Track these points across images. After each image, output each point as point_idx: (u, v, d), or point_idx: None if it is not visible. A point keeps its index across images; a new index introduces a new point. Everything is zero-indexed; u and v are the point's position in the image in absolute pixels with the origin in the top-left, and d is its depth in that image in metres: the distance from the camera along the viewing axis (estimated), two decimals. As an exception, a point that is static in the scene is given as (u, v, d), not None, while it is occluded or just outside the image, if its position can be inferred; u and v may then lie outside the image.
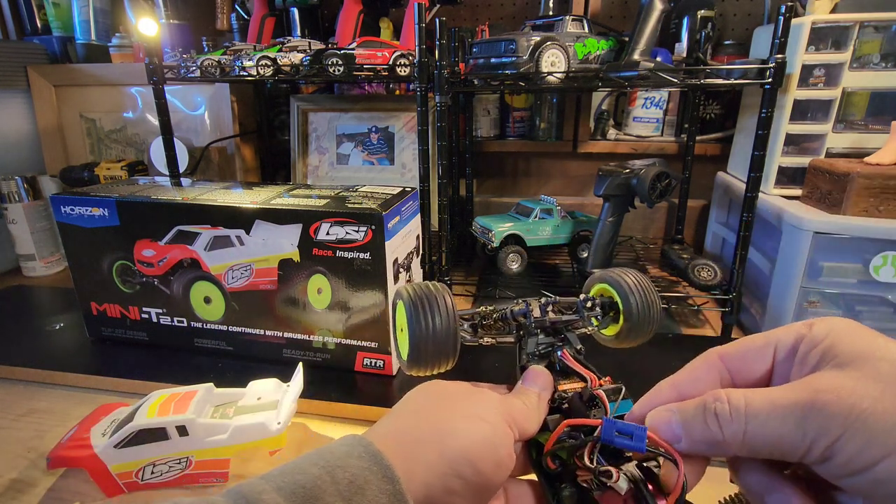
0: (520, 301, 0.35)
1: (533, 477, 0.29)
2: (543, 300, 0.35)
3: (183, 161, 0.99)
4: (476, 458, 0.24)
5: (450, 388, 0.29)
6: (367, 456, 0.23)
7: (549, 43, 0.69)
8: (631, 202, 0.81)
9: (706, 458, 0.23)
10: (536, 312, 0.34)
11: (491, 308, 0.35)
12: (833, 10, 0.73)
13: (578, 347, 0.34)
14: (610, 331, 0.38)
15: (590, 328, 0.36)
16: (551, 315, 0.35)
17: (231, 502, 0.21)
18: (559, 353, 0.33)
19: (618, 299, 0.36)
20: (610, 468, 0.23)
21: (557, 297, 0.36)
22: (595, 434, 0.24)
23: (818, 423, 0.19)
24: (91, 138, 1.14)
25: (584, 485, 0.25)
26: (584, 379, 0.31)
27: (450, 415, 0.26)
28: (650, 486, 0.23)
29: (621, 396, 0.29)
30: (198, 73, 0.81)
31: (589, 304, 0.36)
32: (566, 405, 0.30)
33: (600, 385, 0.30)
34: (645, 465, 0.24)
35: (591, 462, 0.24)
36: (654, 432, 0.23)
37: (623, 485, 0.23)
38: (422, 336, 0.31)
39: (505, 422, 0.26)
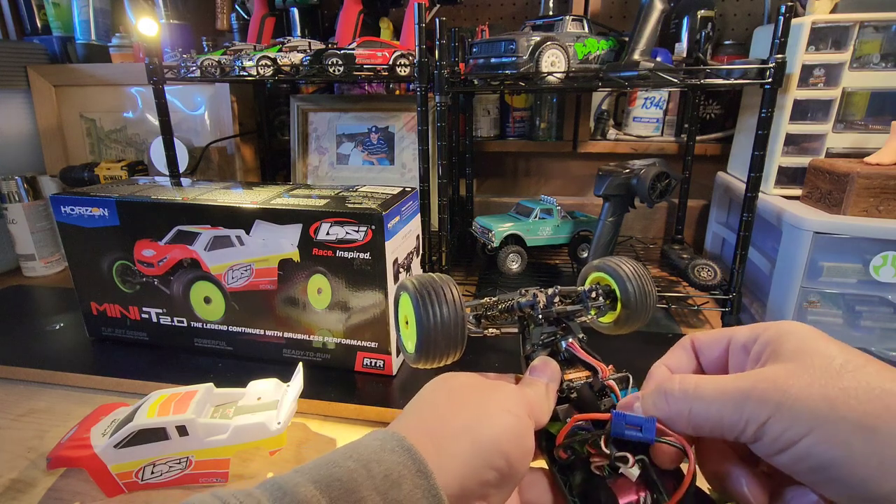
0: (525, 291, 0.35)
1: (541, 463, 0.30)
2: (550, 291, 0.35)
3: (183, 161, 0.99)
4: (507, 449, 0.25)
5: (469, 380, 0.29)
6: (401, 450, 0.24)
7: (549, 43, 0.69)
8: (631, 202, 0.81)
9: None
10: (543, 303, 0.34)
11: (495, 299, 0.35)
12: (833, 10, 0.73)
13: (581, 336, 0.34)
14: (607, 318, 0.38)
15: (588, 317, 0.37)
16: (558, 306, 0.34)
17: (268, 493, 0.21)
18: (565, 342, 0.33)
19: (615, 287, 0.37)
20: (626, 454, 0.25)
21: (559, 287, 0.35)
22: (606, 427, 0.26)
23: (753, 407, 0.21)
24: (91, 138, 1.14)
25: (597, 472, 0.26)
26: (590, 368, 0.32)
27: (476, 408, 0.26)
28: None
29: (630, 386, 0.30)
30: (198, 73, 0.81)
31: (593, 293, 0.36)
32: (574, 395, 0.30)
33: (608, 375, 0.31)
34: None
35: (608, 450, 0.25)
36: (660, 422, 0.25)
37: (635, 471, 0.24)
38: (430, 327, 0.30)
39: (526, 412, 0.27)
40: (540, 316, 0.34)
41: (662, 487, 0.24)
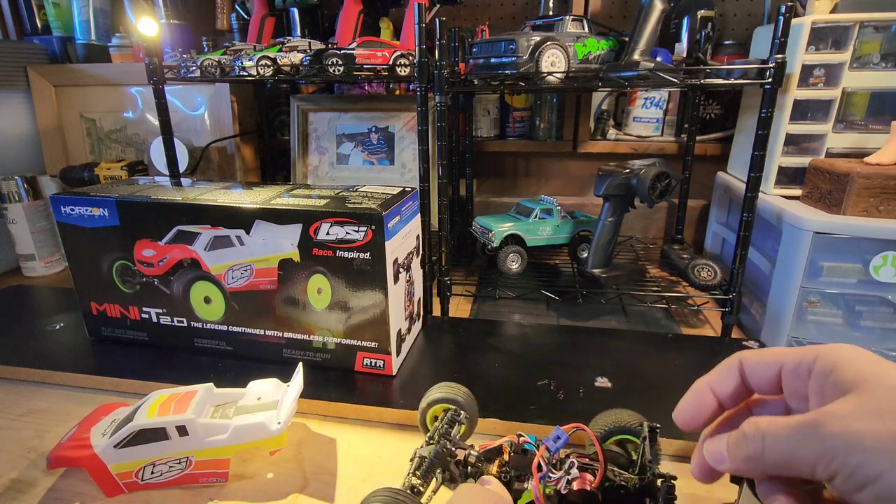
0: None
1: None
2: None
3: (183, 161, 0.99)
4: None
5: None
6: None
7: (549, 43, 0.69)
8: (631, 202, 0.81)
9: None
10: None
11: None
12: (833, 10, 0.73)
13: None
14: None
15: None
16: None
17: None
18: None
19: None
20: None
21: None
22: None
23: (823, 445, 0.21)
24: (91, 138, 1.14)
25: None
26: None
27: None
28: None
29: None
30: (198, 73, 0.81)
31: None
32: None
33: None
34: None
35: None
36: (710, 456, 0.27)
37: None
38: None
39: None
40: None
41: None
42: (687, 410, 0.28)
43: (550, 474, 0.36)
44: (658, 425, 0.38)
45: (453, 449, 0.40)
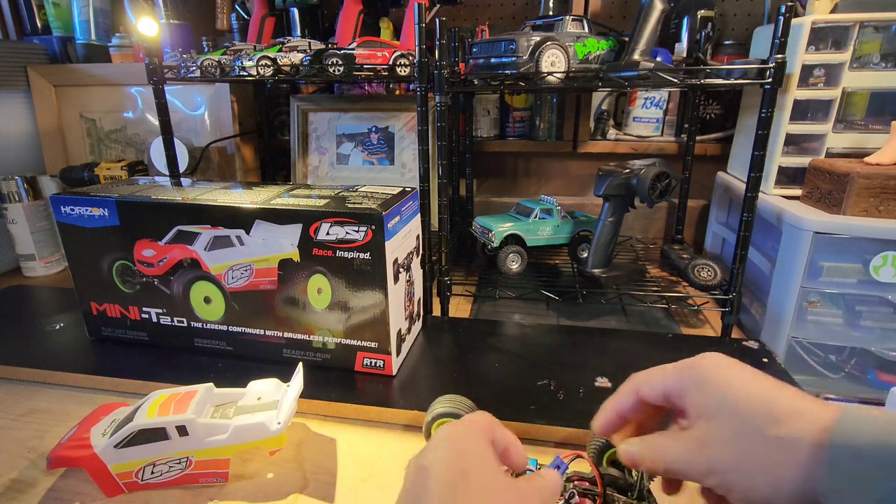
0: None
1: None
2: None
3: (183, 161, 0.99)
4: None
5: (485, 474, 0.30)
6: None
7: (549, 43, 0.69)
8: (631, 202, 0.81)
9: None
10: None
11: None
12: (833, 10, 0.73)
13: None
14: None
15: None
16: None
17: None
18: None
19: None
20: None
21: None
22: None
23: (696, 465, 0.29)
24: (91, 138, 1.14)
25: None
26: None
27: None
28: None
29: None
30: (198, 73, 0.81)
31: None
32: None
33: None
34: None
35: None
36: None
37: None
38: None
39: None
40: None
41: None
42: (599, 426, 0.35)
43: None
44: None
45: None
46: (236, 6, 1.14)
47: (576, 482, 0.38)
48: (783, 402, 0.27)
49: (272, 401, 0.50)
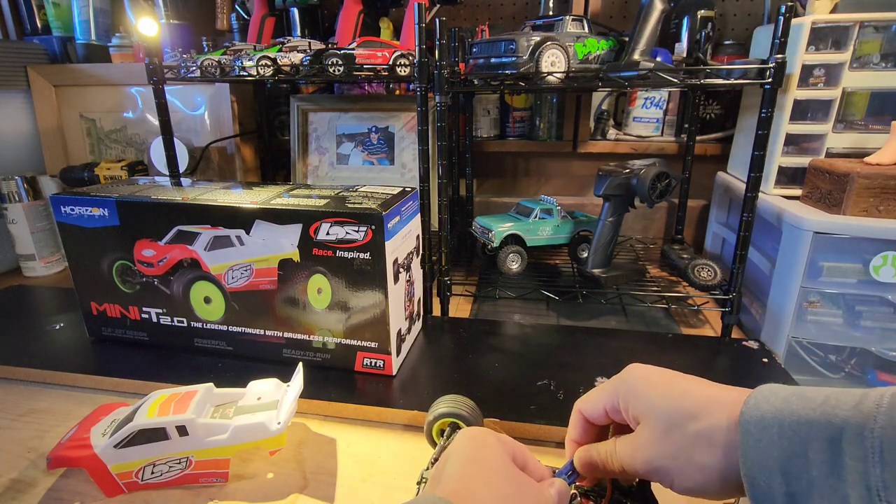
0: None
1: None
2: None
3: (183, 161, 0.99)
4: None
5: (501, 465, 0.33)
6: None
7: (549, 43, 0.69)
8: (631, 202, 0.81)
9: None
10: None
11: None
12: (833, 10, 0.73)
13: None
14: None
15: None
16: None
17: None
18: None
19: None
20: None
21: None
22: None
23: (642, 466, 0.32)
24: (91, 138, 1.14)
25: None
26: None
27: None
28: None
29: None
30: (198, 73, 0.81)
31: None
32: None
33: None
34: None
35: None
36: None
37: None
38: None
39: None
40: None
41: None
42: (568, 451, 0.38)
43: None
44: None
45: None
46: (236, 6, 1.14)
47: (579, 484, 0.38)
48: (699, 397, 0.30)
49: (272, 401, 0.50)
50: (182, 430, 0.46)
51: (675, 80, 0.70)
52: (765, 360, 0.68)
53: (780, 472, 0.25)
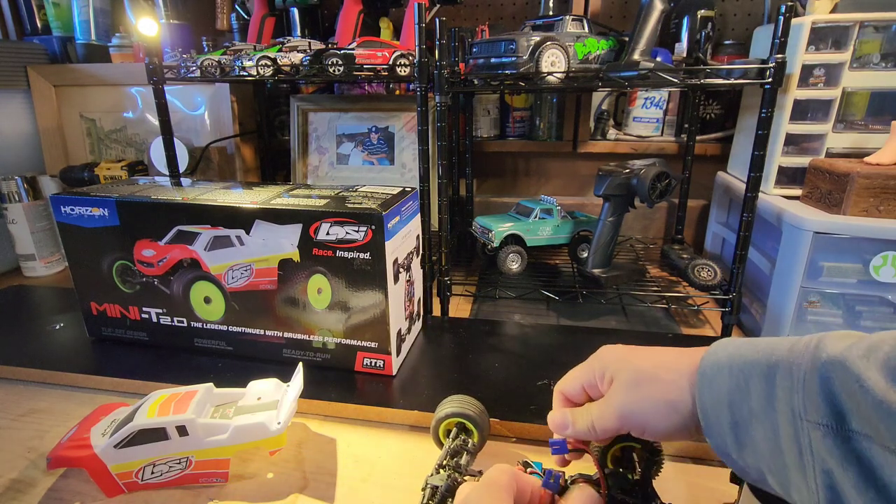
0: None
1: None
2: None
3: (183, 161, 0.99)
4: None
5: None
6: None
7: (549, 43, 0.69)
8: (631, 202, 0.81)
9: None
10: None
11: None
12: (833, 10, 0.73)
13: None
14: None
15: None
16: None
17: None
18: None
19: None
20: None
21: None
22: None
23: (613, 415, 0.35)
24: (91, 138, 1.14)
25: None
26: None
27: None
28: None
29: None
30: (198, 73, 0.81)
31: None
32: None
33: None
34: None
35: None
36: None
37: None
38: None
39: None
40: None
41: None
42: (553, 428, 0.39)
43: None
44: (660, 447, 0.39)
45: (464, 479, 0.41)
46: (236, 6, 1.14)
47: (581, 484, 0.38)
48: (667, 354, 0.35)
49: (272, 401, 0.50)
50: (182, 430, 0.46)
51: (675, 80, 0.70)
52: (765, 360, 0.68)
53: (727, 404, 0.29)
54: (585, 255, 0.86)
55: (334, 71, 0.77)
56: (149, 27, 0.80)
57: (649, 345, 0.37)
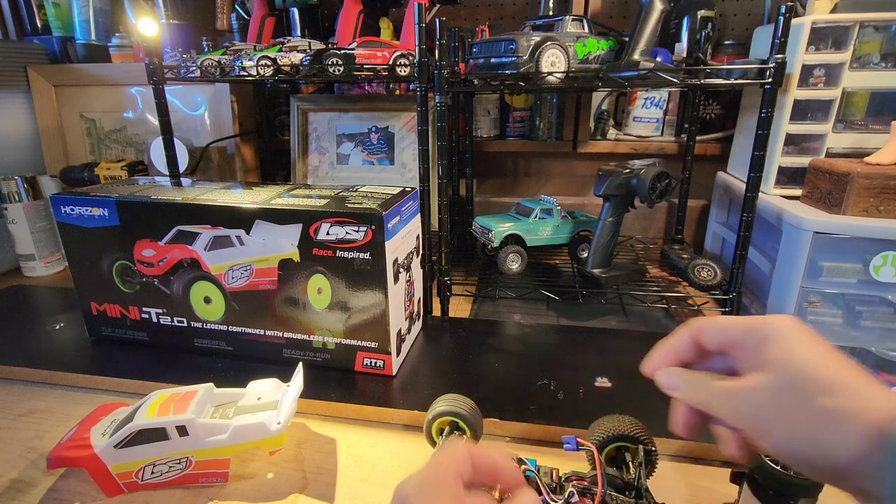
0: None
1: None
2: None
3: (183, 161, 0.99)
4: None
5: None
6: None
7: (549, 43, 0.69)
8: (631, 202, 0.81)
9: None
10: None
11: None
12: (833, 10, 0.73)
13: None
14: None
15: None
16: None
17: None
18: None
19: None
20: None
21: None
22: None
23: (735, 408, 0.29)
24: (91, 138, 1.14)
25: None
26: None
27: None
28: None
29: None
30: (198, 73, 0.81)
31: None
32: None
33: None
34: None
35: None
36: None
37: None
38: None
39: None
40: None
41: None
42: (650, 365, 0.34)
43: (551, 501, 0.36)
44: (654, 448, 0.39)
45: None
46: (236, 6, 1.14)
47: (574, 482, 0.38)
48: (839, 374, 0.27)
49: (272, 401, 0.50)
50: (182, 430, 0.46)
51: (675, 80, 0.70)
52: (765, 360, 0.68)
53: None
54: (585, 255, 0.86)
55: (334, 71, 0.77)
56: (149, 27, 0.80)
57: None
